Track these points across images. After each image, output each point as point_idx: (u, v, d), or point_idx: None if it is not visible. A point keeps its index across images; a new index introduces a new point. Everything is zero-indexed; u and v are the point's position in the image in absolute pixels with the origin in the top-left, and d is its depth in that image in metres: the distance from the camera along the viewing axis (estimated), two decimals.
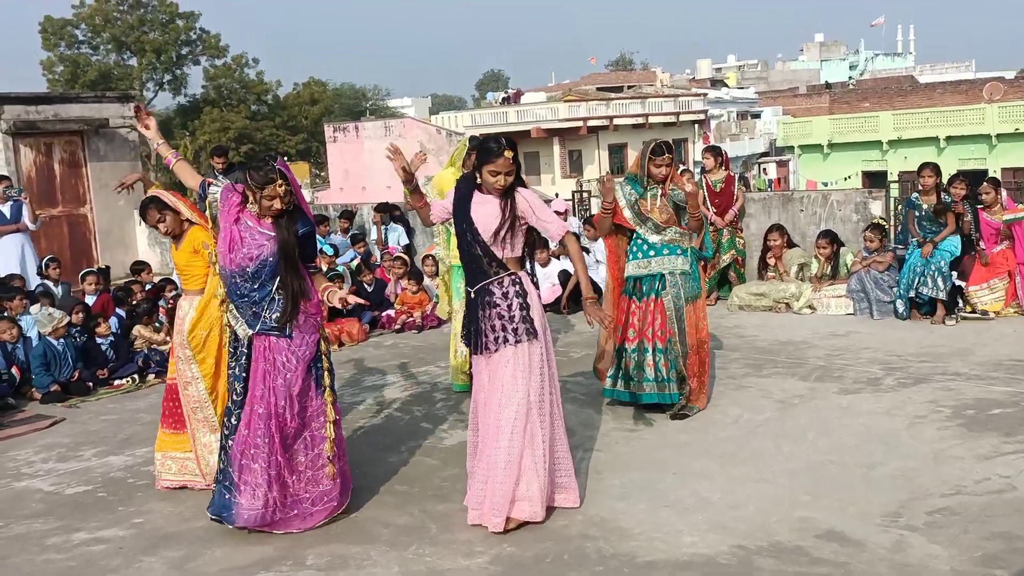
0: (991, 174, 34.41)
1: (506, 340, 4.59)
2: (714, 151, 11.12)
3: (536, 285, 4.84)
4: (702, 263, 6.63)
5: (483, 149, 4.63)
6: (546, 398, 4.66)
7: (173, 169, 5.47)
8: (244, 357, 4.77)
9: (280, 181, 4.62)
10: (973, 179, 9.32)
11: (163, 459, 5.61)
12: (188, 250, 5.51)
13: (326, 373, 4.86)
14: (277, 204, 4.64)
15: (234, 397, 4.80)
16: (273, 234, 4.69)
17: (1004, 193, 9.21)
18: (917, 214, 9.10)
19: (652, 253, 6.33)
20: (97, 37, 53.47)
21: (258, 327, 4.71)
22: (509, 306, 4.60)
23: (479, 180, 4.68)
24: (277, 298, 4.70)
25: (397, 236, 13.24)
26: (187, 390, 5.48)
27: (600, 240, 11.05)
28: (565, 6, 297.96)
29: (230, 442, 4.76)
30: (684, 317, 6.26)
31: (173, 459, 5.58)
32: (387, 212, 13.38)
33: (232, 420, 4.78)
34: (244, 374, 4.76)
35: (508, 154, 4.57)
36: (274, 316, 4.69)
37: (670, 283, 6.26)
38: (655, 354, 6.28)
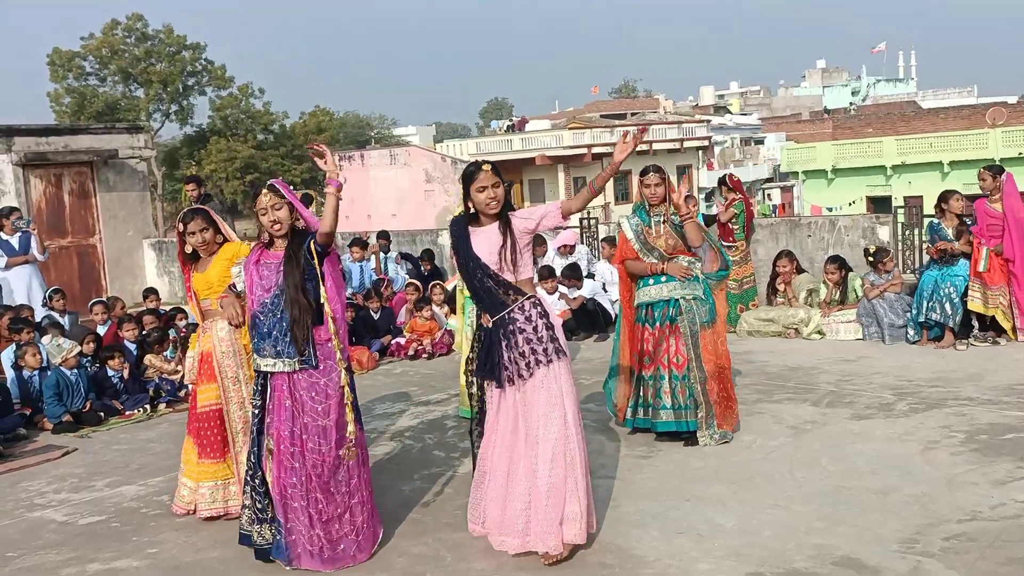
0: None
1: (538, 362, 4.55)
2: (725, 183, 10.97)
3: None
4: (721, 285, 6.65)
5: (465, 175, 4.71)
6: (579, 417, 4.65)
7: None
8: (261, 389, 4.74)
9: (267, 192, 4.65)
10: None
11: (197, 488, 5.55)
12: (221, 265, 5.46)
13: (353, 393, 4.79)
14: (271, 216, 4.64)
15: (253, 431, 4.78)
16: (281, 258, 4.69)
17: (1005, 179, 8.92)
18: (940, 239, 9.06)
19: (663, 279, 6.36)
20: (104, 69, 53.79)
21: (285, 361, 4.65)
22: (535, 328, 4.58)
23: (472, 211, 4.72)
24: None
25: (395, 266, 13.30)
26: (240, 410, 5.45)
27: (608, 263, 11.12)
28: (568, 34, 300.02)
29: (256, 480, 4.73)
30: (700, 343, 6.27)
31: (211, 488, 5.51)
32: (388, 240, 13.43)
33: (251, 458, 4.75)
34: (261, 403, 4.74)
35: (486, 167, 4.65)
36: (290, 347, 4.64)
37: (684, 309, 6.28)
38: (671, 381, 6.30)
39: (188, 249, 5.57)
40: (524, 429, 4.61)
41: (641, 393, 6.43)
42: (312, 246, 4.63)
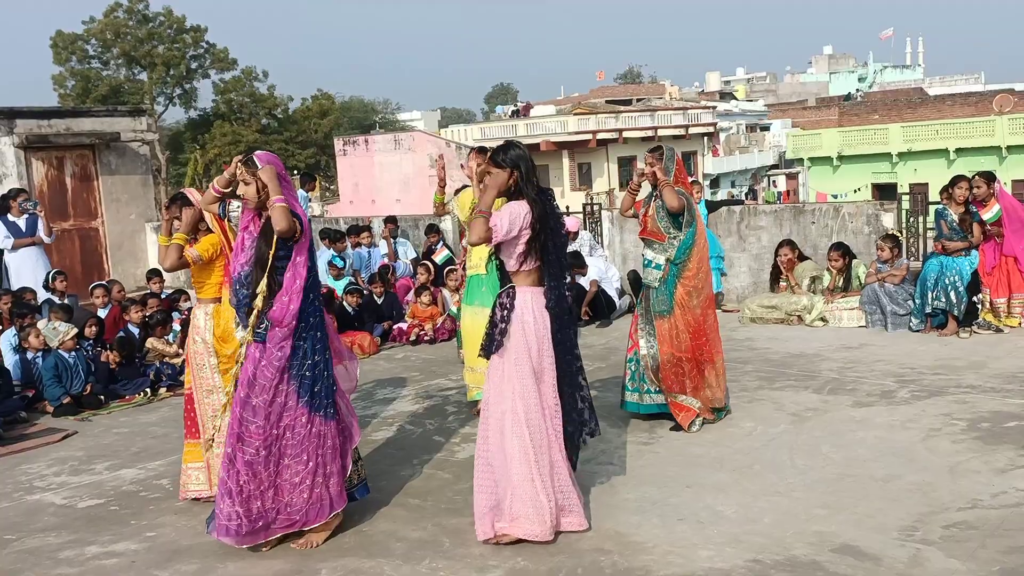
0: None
1: (487, 349, 4.68)
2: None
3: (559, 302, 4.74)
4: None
5: None
6: (532, 416, 4.59)
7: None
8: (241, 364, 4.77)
9: (241, 164, 4.66)
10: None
11: (186, 470, 5.59)
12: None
13: (311, 383, 4.69)
14: (240, 188, 4.67)
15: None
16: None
17: (998, 186, 9.10)
18: (946, 224, 9.02)
19: (643, 265, 6.58)
20: (107, 52, 53.71)
21: (243, 333, 4.70)
22: (499, 317, 4.64)
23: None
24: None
25: (405, 250, 13.27)
26: (209, 398, 5.47)
27: (600, 259, 11.05)
28: (574, 19, 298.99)
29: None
30: (655, 332, 6.35)
31: (197, 470, 5.55)
32: (396, 224, 13.40)
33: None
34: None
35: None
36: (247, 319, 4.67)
37: (644, 296, 6.45)
38: (636, 364, 6.51)
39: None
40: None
41: (631, 372, 6.61)
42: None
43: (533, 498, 4.55)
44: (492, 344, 4.63)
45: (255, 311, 4.62)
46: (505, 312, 4.62)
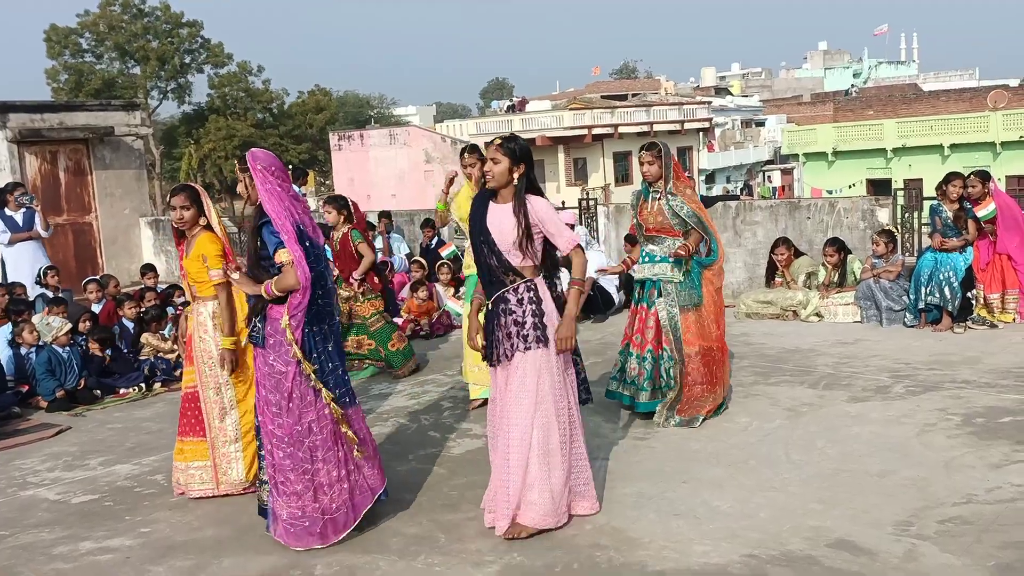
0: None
1: (517, 347, 4.58)
2: (338, 203, 8.76)
3: (559, 292, 4.79)
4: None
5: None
6: (561, 404, 4.63)
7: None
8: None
9: (238, 162, 4.68)
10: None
11: (187, 468, 5.54)
12: (196, 258, 5.46)
13: (333, 383, 4.71)
14: (241, 189, 4.71)
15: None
16: None
17: (993, 185, 9.10)
18: (941, 220, 9.02)
19: (647, 260, 6.45)
20: (101, 46, 53.52)
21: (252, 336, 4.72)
22: (524, 312, 4.58)
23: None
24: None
25: (398, 245, 13.25)
26: (215, 395, 5.44)
27: (597, 253, 11.02)
28: (569, 15, 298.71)
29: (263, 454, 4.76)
30: (679, 326, 6.27)
31: (201, 468, 5.51)
32: (390, 219, 13.38)
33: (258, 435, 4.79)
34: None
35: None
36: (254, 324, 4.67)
37: (664, 292, 6.32)
38: (652, 361, 6.37)
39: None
40: (503, 409, 4.66)
41: (626, 368, 6.51)
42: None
43: (556, 488, 4.58)
44: (526, 341, 4.55)
45: (252, 310, 4.63)
46: (535, 306, 4.59)
